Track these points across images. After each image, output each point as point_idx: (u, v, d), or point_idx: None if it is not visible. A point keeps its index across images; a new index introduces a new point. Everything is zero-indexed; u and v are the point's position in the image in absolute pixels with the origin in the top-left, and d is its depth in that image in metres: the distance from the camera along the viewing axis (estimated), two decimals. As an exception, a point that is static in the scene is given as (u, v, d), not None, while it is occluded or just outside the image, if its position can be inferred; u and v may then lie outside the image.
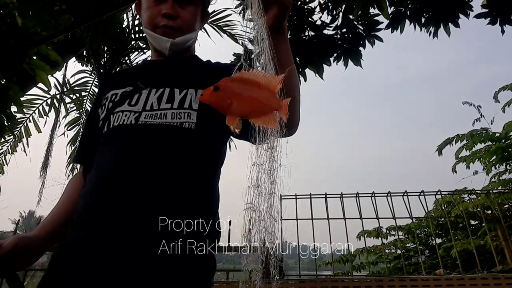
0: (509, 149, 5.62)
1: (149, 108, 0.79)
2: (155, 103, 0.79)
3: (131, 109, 0.79)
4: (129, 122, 0.77)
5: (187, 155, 0.76)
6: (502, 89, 6.18)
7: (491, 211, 4.58)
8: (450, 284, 2.63)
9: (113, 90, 0.85)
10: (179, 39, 0.84)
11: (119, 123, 0.78)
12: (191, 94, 0.80)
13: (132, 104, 0.80)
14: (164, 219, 0.68)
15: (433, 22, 2.58)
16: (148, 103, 0.80)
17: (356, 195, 3.76)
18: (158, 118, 0.77)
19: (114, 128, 0.78)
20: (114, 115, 0.79)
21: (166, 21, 0.83)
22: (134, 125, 0.76)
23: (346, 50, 2.79)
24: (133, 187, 0.70)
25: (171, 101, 0.79)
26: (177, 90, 0.81)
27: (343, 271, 6.15)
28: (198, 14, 0.89)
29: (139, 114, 0.78)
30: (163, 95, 0.80)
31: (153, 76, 0.86)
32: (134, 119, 0.77)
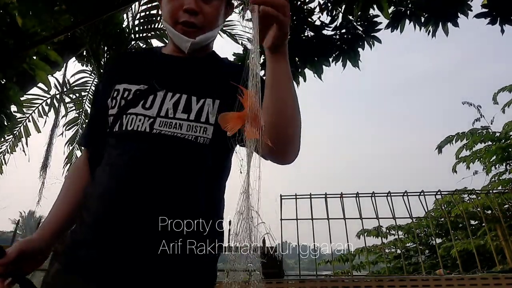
0: (509, 149, 5.62)
1: (164, 114, 0.76)
2: (171, 110, 0.76)
3: (145, 113, 0.76)
4: (144, 129, 0.74)
5: (200, 171, 0.75)
6: (501, 90, 6.18)
7: (491, 211, 4.58)
8: (450, 284, 2.63)
9: (125, 84, 0.81)
10: (200, 38, 0.80)
11: (132, 128, 0.75)
12: (209, 105, 0.77)
13: (147, 107, 0.77)
14: (174, 231, 0.69)
15: (432, 21, 2.58)
16: (163, 109, 0.76)
17: (356, 195, 3.76)
18: (173, 128, 0.74)
19: (127, 133, 0.75)
20: (127, 117, 0.77)
21: (187, 17, 0.78)
22: (148, 134, 0.74)
23: (345, 50, 2.80)
24: (145, 198, 0.70)
25: (187, 111, 0.76)
26: (194, 99, 0.77)
27: (342, 270, 6.15)
28: (222, 9, 0.84)
29: (154, 120, 0.75)
30: (179, 102, 0.77)
31: (170, 76, 0.82)
32: (148, 126, 0.75)
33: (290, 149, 0.72)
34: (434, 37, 2.64)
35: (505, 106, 6.15)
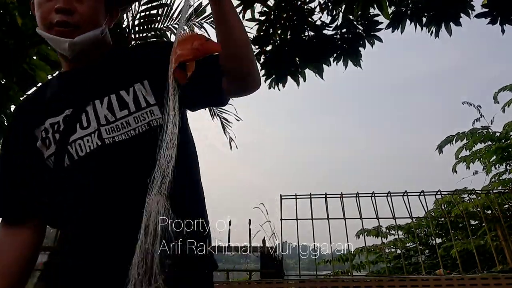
0: (509, 149, 5.62)
1: (105, 122, 0.72)
2: (110, 115, 0.73)
3: (88, 132, 0.72)
4: (96, 146, 0.70)
5: None
6: (502, 90, 6.17)
7: (491, 211, 4.58)
8: (450, 284, 2.63)
9: (49, 120, 0.75)
10: (80, 38, 0.74)
11: (86, 151, 0.70)
12: (140, 89, 0.75)
13: (85, 126, 0.72)
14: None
15: (434, 22, 2.58)
16: (101, 118, 0.73)
17: (356, 195, 3.76)
18: (123, 129, 0.71)
19: (82, 158, 0.70)
20: (73, 145, 0.71)
21: (59, 16, 0.73)
22: (102, 147, 0.70)
23: (346, 50, 2.79)
24: (133, 205, 0.66)
25: (125, 106, 0.73)
26: (123, 92, 0.75)
27: (342, 270, 6.15)
28: (100, 8, 0.79)
29: (99, 131, 0.71)
30: (112, 104, 0.73)
31: (86, 87, 0.77)
32: (98, 140, 0.71)
33: (252, 76, 0.78)
34: (437, 37, 2.63)
35: (505, 105, 6.14)
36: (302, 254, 3.37)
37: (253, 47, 3.05)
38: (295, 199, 3.65)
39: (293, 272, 3.52)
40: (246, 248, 3.17)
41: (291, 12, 2.79)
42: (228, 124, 4.86)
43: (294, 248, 3.47)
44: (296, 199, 3.65)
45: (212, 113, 4.80)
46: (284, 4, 2.77)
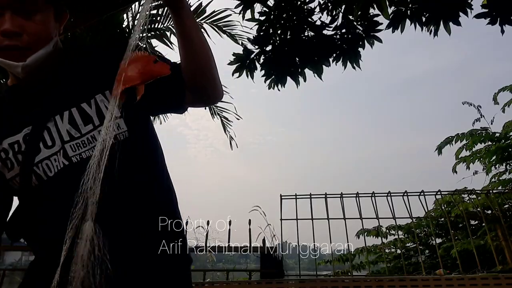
0: (509, 149, 5.62)
1: (69, 138, 0.69)
2: (73, 130, 0.69)
3: (54, 151, 0.68)
4: (63, 165, 0.68)
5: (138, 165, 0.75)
6: (502, 90, 6.18)
7: (491, 211, 4.58)
8: (450, 284, 2.63)
9: (7, 139, 0.70)
10: (32, 60, 0.68)
11: (54, 171, 0.68)
12: (102, 100, 0.72)
13: (50, 145, 0.69)
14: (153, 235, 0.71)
15: (433, 21, 2.58)
16: (64, 134, 0.69)
17: (356, 195, 3.75)
18: (89, 144, 0.69)
19: (52, 179, 0.68)
20: (40, 166, 0.68)
21: (8, 41, 0.66)
22: (70, 165, 0.68)
23: (345, 51, 2.80)
24: (116, 218, 0.67)
25: (89, 120, 0.70)
26: (85, 105, 0.71)
27: (342, 270, 6.15)
28: (50, 20, 0.73)
29: (64, 150, 0.68)
30: (74, 118, 0.70)
31: (43, 102, 0.72)
32: (64, 160, 0.68)
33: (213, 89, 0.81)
34: (436, 36, 2.63)
35: (505, 105, 6.15)
36: (302, 254, 3.37)
37: (253, 47, 3.06)
38: (295, 199, 3.65)
39: (293, 272, 3.51)
40: (246, 248, 3.17)
41: (291, 12, 2.80)
42: (229, 123, 4.86)
43: (294, 248, 3.47)
44: (296, 199, 3.65)
45: (212, 112, 4.80)
46: (284, 4, 2.77)
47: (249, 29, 3.92)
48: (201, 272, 3.16)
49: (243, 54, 3.03)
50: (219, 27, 4.33)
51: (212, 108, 4.80)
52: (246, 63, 3.03)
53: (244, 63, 3.03)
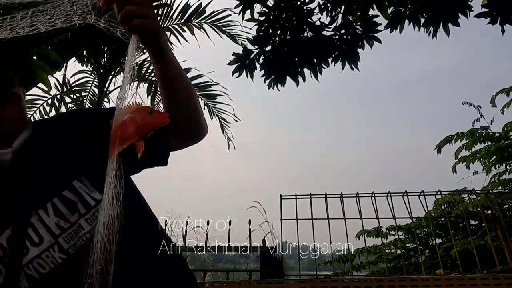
0: (508, 149, 5.62)
1: (60, 231, 0.64)
2: (62, 221, 0.64)
3: (44, 248, 0.62)
4: (59, 261, 0.62)
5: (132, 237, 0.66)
6: (500, 92, 6.18)
7: (491, 211, 4.58)
8: (450, 284, 2.63)
9: None
10: (18, 144, 0.67)
11: (50, 267, 0.62)
12: (80, 187, 0.67)
13: (37, 242, 0.62)
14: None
15: (432, 22, 2.58)
16: (53, 228, 0.64)
17: (356, 195, 3.76)
18: (79, 232, 0.64)
19: (46, 275, 0.61)
20: (31, 267, 0.61)
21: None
22: (68, 259, 0.63)
23: (344, 52, 2.80)
24: None
25: (74, 209, 0.65)
26: (67, 192, 0.66)
27: (342, 270, 6.15)
28: (22, 98, 0.74)
29: (58, 244, 0.63)
30: (59, 209, 0.64)
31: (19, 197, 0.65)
32: (61, 254, 0.63)
33: (199, 131, 0.80)
34: (435, 37, 2.63)
35: (504, 107, 6.15)
36: (302, 254, 3.37)
37: (253, 47, 3.06)
38: (295, 199, 3.65)
39: (293, 272, 3.52)
40: (246, 248, 3.17)
41: (290, 13, 2.80)
42: (227, 125, 4.87)
43: (294, 248, 3.47)
44: (296, 199, 3.65)
45: (211, 113, 4.80)
46: (283, 5, 2.78)
47: (249, 29, 3.92)
48: (201, 272, 3.16)
49: (243, 54, 3.04)
50: (219, 27, 4.33)
51: (211, 109, 4.81)
52: (246, 63, 3.04)
53: (243, 63, 3.04)
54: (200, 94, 4.62)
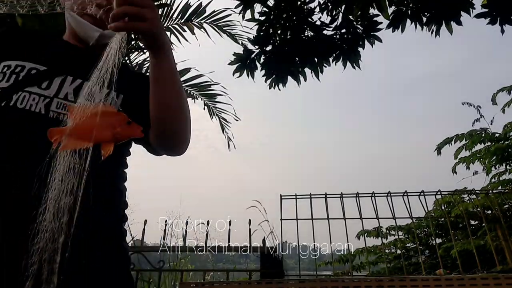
0: (508, 149, 5.62)
1: (62, 96, 0.72)
2: (71, 95, 0.72)
3: (41, 93, 0.70)
4: (38, 110, 0.68)
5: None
6: (500, 91, 6.18)
7: (491, 211, 4.58)
8: (450, 284, 2.63)
9: (18, 61, 0.73)
10: (108, 32, 0.75)
11: (24, 106, 0.67)
12: (113, 97, 0.76)
13: (43, 87, 0.71)
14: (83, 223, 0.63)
15: (434, 21, 2.58)
16: (62, 91, 0.72)
17: (356, 195, 3.75)
18: None
19: (16, 110, 0.67)
20: (19, 93, 0.68)
21: (97, 10, 0.75)
22: (43, 116, 0.68)
23: (345, 51, 2.80)
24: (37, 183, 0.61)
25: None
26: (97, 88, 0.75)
27: (343, 271, 6.15)
28: None
29: (50, 100, 0.70)
30: (79, 88, 0.73)
31: (71, 61, 0.78)
32: (44, 107, 0.69)
33: (176, 142, 0.79)
34: (438, 36, 2.63)
35: (505, 106, 6.15)
36: (302, 254, 3.37)
37: (253, 47, 3.06)
38: (295, 199, 3.65)
39: (293, 272, 3.51)
40: (246, 248, 3.17)
41: (291, 12, 2.80)
42: (227, 124, 4.86)
43: (294, 248, 3.47)
44: (296, 199, 3.65)
45: (211, 112, 4.80)
46: (284, 4, 2.77)
47: (249, 29, 3.92)
48: (201, 272, 3.16)
49: (244, 54, 3.04)
50: (219, 27, 4.32)
51: (211, 109, 4.80)
52: (246, 63, 3.04)
53: (244, 63, 3.04)
54: (200, 94, 4.62)
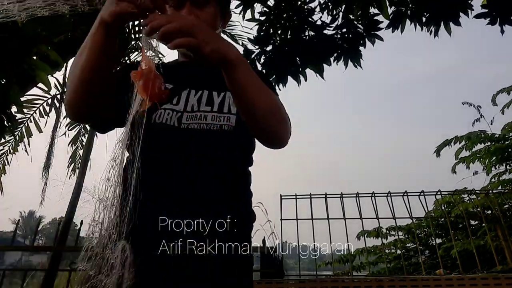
0: (508, 149, 5.62)
1: (190, 109, 0.82)
2: (196, 105, 0.83)
3: (173, 108, 0.82)
4: (172, 123, 0.80)
5: (228, 157, 0.82)
6: (500, 92, 6.18)
7: (491, 211, 4.58)
8: (450, 284, 2.63)
9: None
10: None
11: (161, 121, 0.80)
12: (229, 97, 0.84)
13: (174, 103, 0.83)
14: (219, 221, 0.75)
15: (433, 21, 2.58)
16: (188, 104, 0.83)
17: (356, 195, 3.75)
18: (199, 120, 0.81)
19: (155, 124, 0.79)
20: (157, 111, 0.81)
21: None
22: (177, 128, 0.80)
23: (346, 50, 2.79)
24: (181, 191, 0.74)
25: (210, 104, 0.83)
26: (215, 93, 0.85)
27: (343, 271, 6.15)
28: (218, 14, 0.89)
29: (181, 114, 0.81)
30: (202, 97, 0.84)
31: (190, 76, 0.88)
32: (176, 121, 0.81)
33: (275, 141, 0.81)
34: (436, 37, 2.63)
35: (504, 107, 6.15)
36: (302, 254, 3.37)
37: (254, 47, 3.05)
38: (295, 199, 3.65)
39: (293, 272, 3.51)
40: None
41: (291, 12, 2.80)
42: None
43: (294, 248, 3.47)
44: (296, 199, 3.65)
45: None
46: (284, 4, 2.77)
47: (249, 29, 3.92)
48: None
49: (244, 54, 3.04)
50: (219, 27, 4.32)
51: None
52: (246, 63, 3.03)
53: (244, 63, 3.03)
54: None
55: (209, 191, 0.77)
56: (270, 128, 0.76)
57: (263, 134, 0.79)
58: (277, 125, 0.76)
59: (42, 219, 26.49)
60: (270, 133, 0.78)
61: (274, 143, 0.81)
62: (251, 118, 0.74)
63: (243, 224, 0.83)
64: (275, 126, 0.76)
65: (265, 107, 0.72)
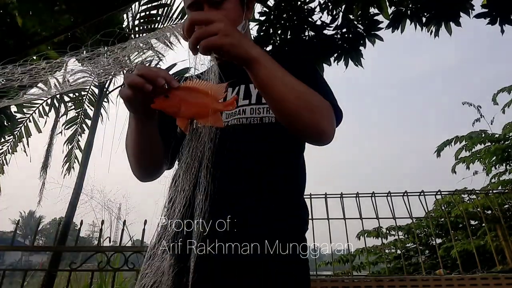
0: (508, 149, 5.62)
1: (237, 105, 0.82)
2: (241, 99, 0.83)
3: None
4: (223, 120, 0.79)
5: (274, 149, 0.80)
6: (501, 91, 6.18)
7: (491, 211, 4.58)
8: (450, 284, 2.63)
9: None
10: None
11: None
12: None
13: None
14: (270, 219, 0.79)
15: (434, 21, 2.58)
16: None
17: (356, 195, 3.75)
18: (238, 115, 0.80)
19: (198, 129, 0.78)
20: None
21: None
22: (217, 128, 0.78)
23: (347, 50, 2.79)
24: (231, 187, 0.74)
25: (248, 97, 0.83)
26: (252, 86, 0.83)
27: (343, 271, 6.15)
28: (237, 7, 0.85)
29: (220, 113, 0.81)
30: (239, 92, 0.84)
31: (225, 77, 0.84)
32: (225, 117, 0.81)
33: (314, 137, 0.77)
34: (437, 37, 2.63)
35: (505, 106, 6.15)
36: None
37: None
38: (295, 199, 3.65)
39: (293, 272, 3.50)
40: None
41: (291, 12, 2.79)
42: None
43: (294, 248, 3.46)
44: (296, 199, 3.65)
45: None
46: (284, 4, 2.77)
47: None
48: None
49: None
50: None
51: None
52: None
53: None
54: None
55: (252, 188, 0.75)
56: (304, 124, 0.71)
57: (298, 131, 0.74)
58: (311, 120, 0.70)
59: (42, 219, 26.36)
60: (305, 130, 0.73)
61: (313, 139, 0.76)
62: (281, 116, 0.71)
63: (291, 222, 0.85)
64: (309, 121, 0.71)
65: (294, 103, 0.68)
